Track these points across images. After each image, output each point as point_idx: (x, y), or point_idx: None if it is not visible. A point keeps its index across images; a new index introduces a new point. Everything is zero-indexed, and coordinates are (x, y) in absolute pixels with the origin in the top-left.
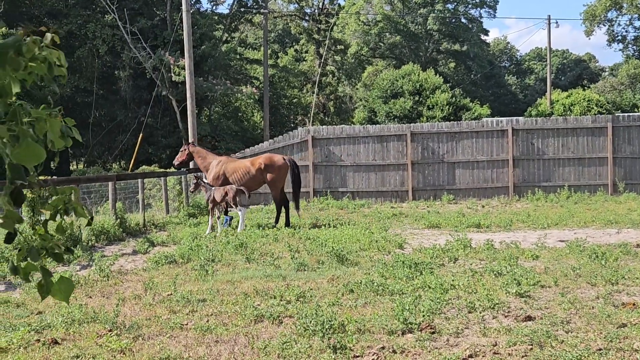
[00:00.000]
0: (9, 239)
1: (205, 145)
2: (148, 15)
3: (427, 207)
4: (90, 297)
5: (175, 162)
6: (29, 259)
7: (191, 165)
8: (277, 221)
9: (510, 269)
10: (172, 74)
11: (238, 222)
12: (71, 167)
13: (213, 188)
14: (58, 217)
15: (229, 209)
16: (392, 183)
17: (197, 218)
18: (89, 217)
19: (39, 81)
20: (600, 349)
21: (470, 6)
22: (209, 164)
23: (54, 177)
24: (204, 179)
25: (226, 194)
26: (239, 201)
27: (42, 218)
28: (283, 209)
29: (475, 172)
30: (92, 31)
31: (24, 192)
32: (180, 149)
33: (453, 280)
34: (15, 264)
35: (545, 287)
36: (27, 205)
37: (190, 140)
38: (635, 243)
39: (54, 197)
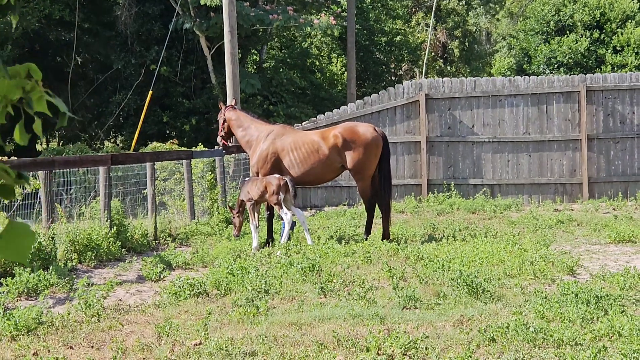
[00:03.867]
0: None
1: (253, 110)
2: None
3: (614, 209)
4: (72, 347)
5: (219, 138)
6: None
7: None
8: (368, 231)
9: None
10: None
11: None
12: (38, 145)
13: (247, 180)
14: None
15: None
16: (557, 171)
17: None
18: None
19: None
20: None
21: None
22: (253, 138)
23: (14, 157)
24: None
25: (265, 188)
26: (285, 199)
27: None
28: (377, 211)
29: None
30: None
31: None
32: (218, 116)
33: None
34: None
35: None
36: None
37: (230, 102)
38: None
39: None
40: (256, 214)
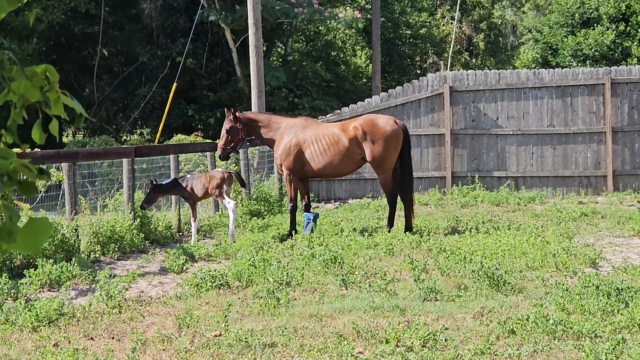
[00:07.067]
0: None
1: (278, 103)
2: None
3: (638, 201)
4: (93, 338)
5: (219, 150)
6: None
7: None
8: (390, 223)
9: None
10: None
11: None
12: (65, 137)
13: (188, 176)
14: None
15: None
16: (581, 163)
17: (264, 218)
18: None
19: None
20: None
21: None
22: (276, 132)
23: (38, 149)
24: (159, 181)
25: (209, 182)
26: (227, 191)
27: None
28: (400, 204)
29: None
30: None
31: None
32: (223, 127)
33: None
34: None
35: None
36: None
37: (255, 95)
38: None
39: None
40: (195, 212)
